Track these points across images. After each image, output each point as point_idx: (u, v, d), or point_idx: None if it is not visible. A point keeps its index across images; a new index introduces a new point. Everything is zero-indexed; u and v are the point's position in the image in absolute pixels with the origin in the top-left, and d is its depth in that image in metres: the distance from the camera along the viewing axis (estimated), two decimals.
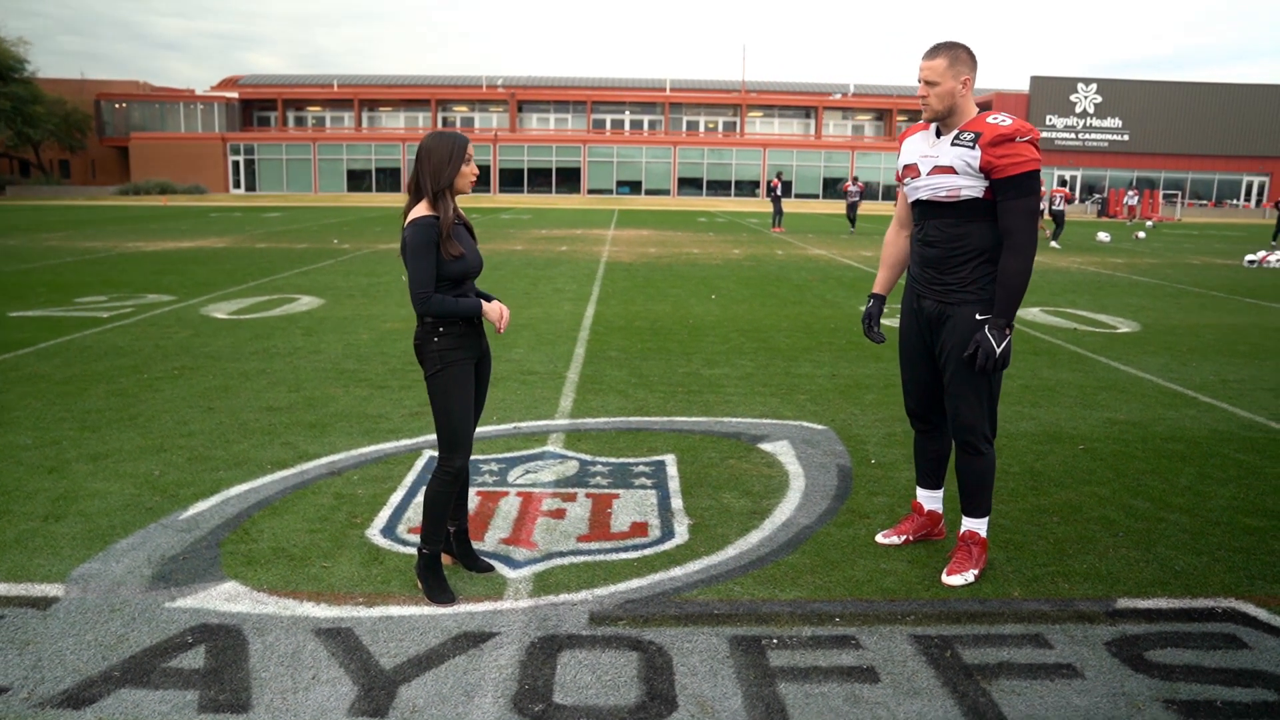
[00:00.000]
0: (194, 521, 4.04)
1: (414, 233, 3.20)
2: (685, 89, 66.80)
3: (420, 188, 3.30)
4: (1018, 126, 3.39)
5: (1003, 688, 2.87)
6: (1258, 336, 9.79)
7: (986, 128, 3.42)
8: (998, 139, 3.38)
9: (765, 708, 2.72)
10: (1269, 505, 4.54)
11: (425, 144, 3.29)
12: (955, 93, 3.48)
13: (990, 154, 3.39)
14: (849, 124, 67.79)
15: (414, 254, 3.20)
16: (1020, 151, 3.37)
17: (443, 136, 3.30)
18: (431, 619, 3.21)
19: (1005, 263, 3.44)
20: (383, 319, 9.60)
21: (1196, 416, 6.27)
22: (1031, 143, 3.40)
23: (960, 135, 3.48)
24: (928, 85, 3.50)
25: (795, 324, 9.94)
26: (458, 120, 65.55)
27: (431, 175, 3.26)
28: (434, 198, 3.26)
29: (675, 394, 6.61)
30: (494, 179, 60.20)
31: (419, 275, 3.20)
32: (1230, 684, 2.93)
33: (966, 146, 3.44)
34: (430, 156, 3.26)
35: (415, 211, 3.27)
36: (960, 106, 3.52)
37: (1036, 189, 3.42)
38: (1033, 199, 3.41)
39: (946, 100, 3.49)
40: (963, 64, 3.48)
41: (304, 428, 5.51)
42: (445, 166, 3.26)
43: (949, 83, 3.47)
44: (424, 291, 3.21)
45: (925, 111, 3.56)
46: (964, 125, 3.50)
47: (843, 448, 5.39)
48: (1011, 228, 3.42)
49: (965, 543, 3.71)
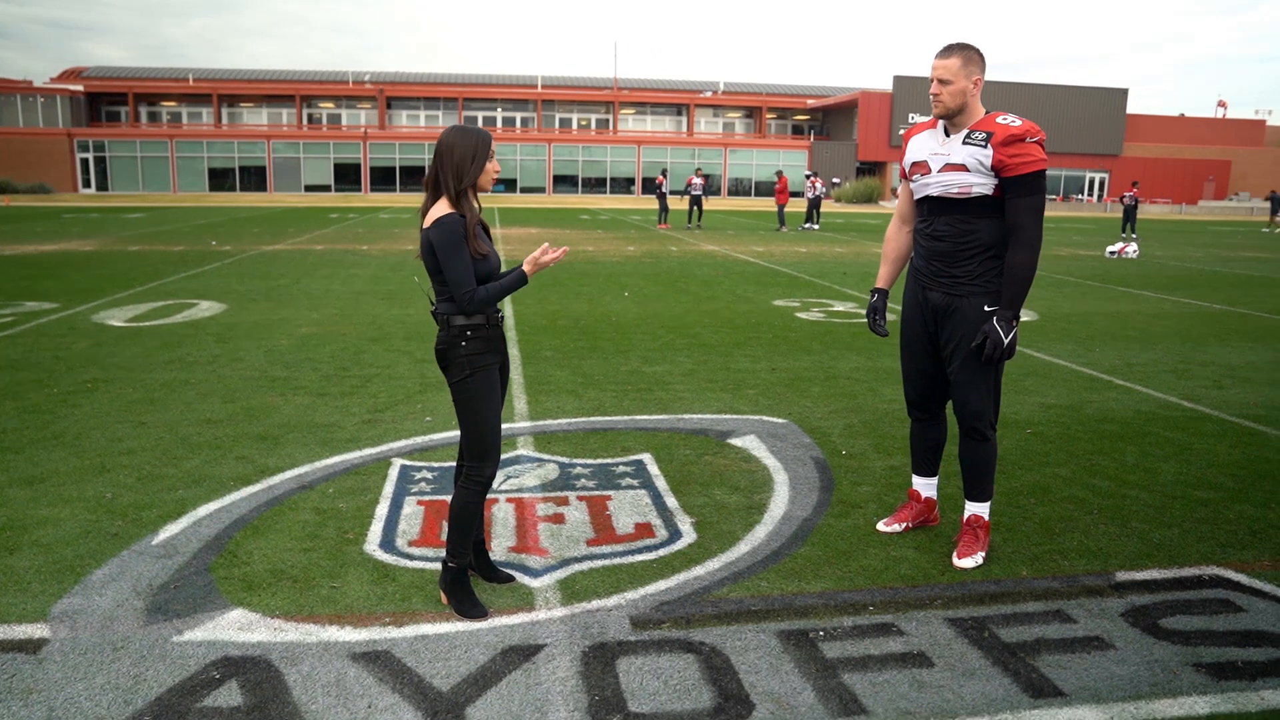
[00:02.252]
0: (170, 546, 3.75)
1: (441, 233, 3.06)
2: (557, 86, 66.54)
3: (440, 185, 3.16)
4: (1028, 127, 3.51)
5: (1048, 663, 2.97)
6: (1142, 322, 10.50)
7: (998, 128, 3.53)
8: (1009, 139, 3.50)
9: (839, 700, 2.73)
10: (1211, 478, 4.87)
11: (447, 140, 3.15)
12: (967, 91, 3.57)
13: (1002, 153, 3.49)
14: (720, 121, 68.95)
15: (447, 254, 3.06)
16: (1030, 151, 3.49)
17: (465, 132, 3.16)
18: (470, 635, 3.08)
19: (1013, 258, 3.56)
20: (296, 323, 9.18)
21: (1118, 399, 6.66)
22: (1039, 143, 3.52)
23: (972, 134, 3.58)
24: (941, 84, 3.57)
25: (717, 320, 10.04)
26: (324, 117, 63.27)
27: (454, 173, 3.12)
28: (456, 196, 3.13)
29: (627, 393, 6.57)
30: (365, 177, 58.42)
31: (459, 274, 3.07)
32: (1243, 645, 3.13)
33: (979, 145, 3.54)
34: (452, 153, 3.13)
35: (436, 210, 3.13)
36: (970, 106, 3.61)
37: (1044, 188, 3.55)
38: (1039, 197, 3.53)
39: (959, 99, 3.58)
40: (975, 65, 3.58)
41: (253, 440, 5.21)
42: (469, 164, 3.13)
43: (962, 82, 3.56)
44: (469, 290, 3.08)
45: (937, 108, 3.64)
46: (975, 125, 3.60)
47: (809, 440, 5.48)
48: (1020, 224, 3.54)
49: (970, 527, 3.82)
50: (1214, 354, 8.53)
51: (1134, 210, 28.21)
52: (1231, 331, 9.94)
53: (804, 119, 68.65)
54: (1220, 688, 2.85)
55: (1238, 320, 10.84)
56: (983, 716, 2.66)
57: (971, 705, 2.72)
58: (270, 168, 57.77)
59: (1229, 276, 16.31)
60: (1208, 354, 8.52)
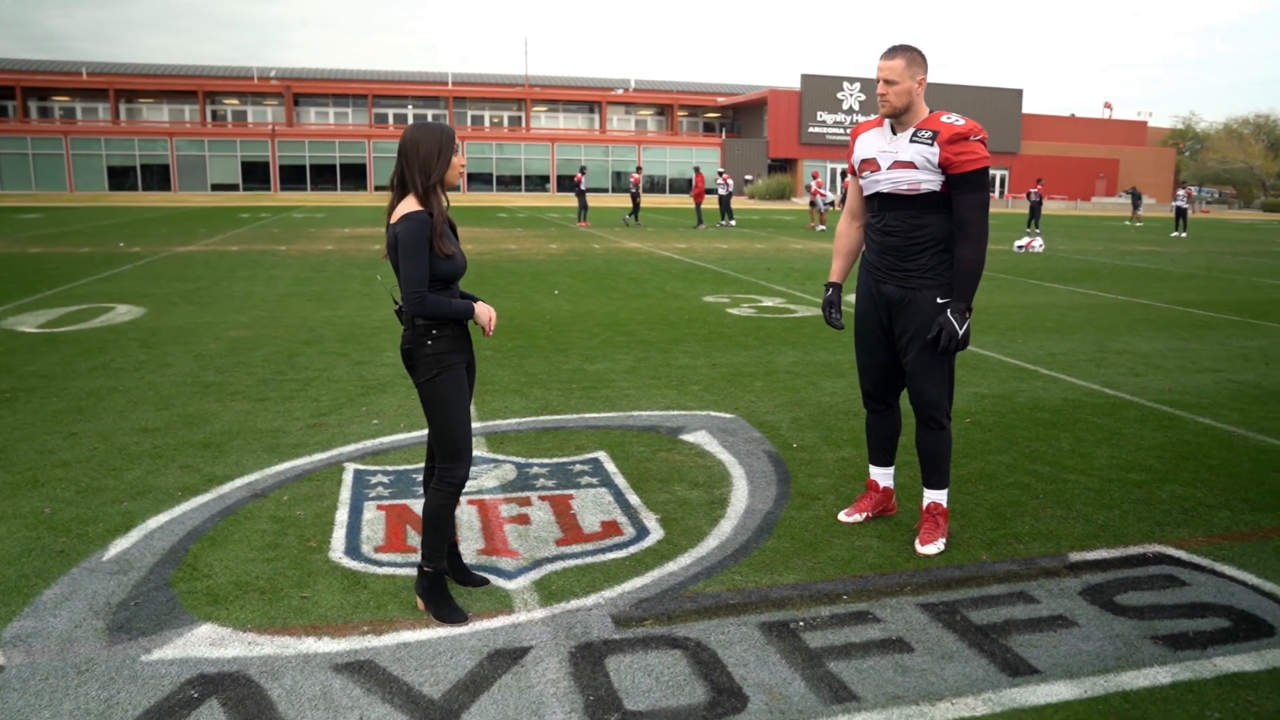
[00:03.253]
0: (123, 561, 3.60)
1: (408, 229, 3.02)
2: (468, 83, 65.78)
3: (406, 183, 3.11)
4: (971, 126, 3.65)
5: (1019, 642, 3.09)
6: (1056, 314, 10.94)
7: (943, 126, 3.65)
8: (955, 137, 3.62)
9: (829, 688, 2.79)
10: (1141, 461, 5.12)
11: (411, 137, 3.10)
12: (912, 91, 3.69)
13: (948, 151, 3.62)
14: (632, 119, 69.16)
15: (408, 251, 3.01)
16: (975, 150, 3.63)
17: (429, 129, 3.12)
18: (452, 640, 3.05)
19: (962, 252, 3.68)
20: (224, 326, 8.88)
21: (1045, 387, 6.94)
22: (982, 141, 3.66)
23: (919, 133, 3.69)
24: (887, 84, 3.68)
25: (650, 317, 10.09)
26: (229, 113, 61.19)
27: (420, 170, 3.08)
28: (424, 193, 3.09)
29: (573, 391, 6.56)
30: (274, 176, 56.73)
31: (414, 273, 3.02)
32: (1191, 617, 3.30)
33: (925, 144, 3.66)
34: (417, 150, 3.08)
35: (404, 206, 3.08)
36: (915, 104, 3.73)
37: (988, 184, 3.69)
38: (984, 193, 3.68)
39: (905, 98, 3.69)
40: (918, 65, 3.69)
41: (195, 448, 5.03)
42: (435, 161, 3.09)
43: (907, 81, 3.67)
44: (419, 291, 3.03)
45: (883, 107, 3.74)
46: (920, 123, 3.72)
47: (759, 434, 5.56)
48: (966, 220, 3.67)
49: (931, 514, 3.94)
50: (1126, 343, 8.95)
51: (1039, 206, 29.38)
52: (1137, 321, 10.43)
53: (715, 116, 69.37)
54: (1178, 658, 3.01)
55: (1141, 310, 11.39)
56: (967, 697, 2.75)
57: (955, 687, 2.81)
58: (174, 166, 55.59)
59: (1128, 269, 17.11)
60: (1120, 343, 8.93)
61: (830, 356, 8.00)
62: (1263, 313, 11.37)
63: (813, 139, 60.38)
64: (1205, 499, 4.51)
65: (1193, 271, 16.88)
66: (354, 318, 9.63)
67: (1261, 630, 3.21)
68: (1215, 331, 9.77)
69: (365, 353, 7.76)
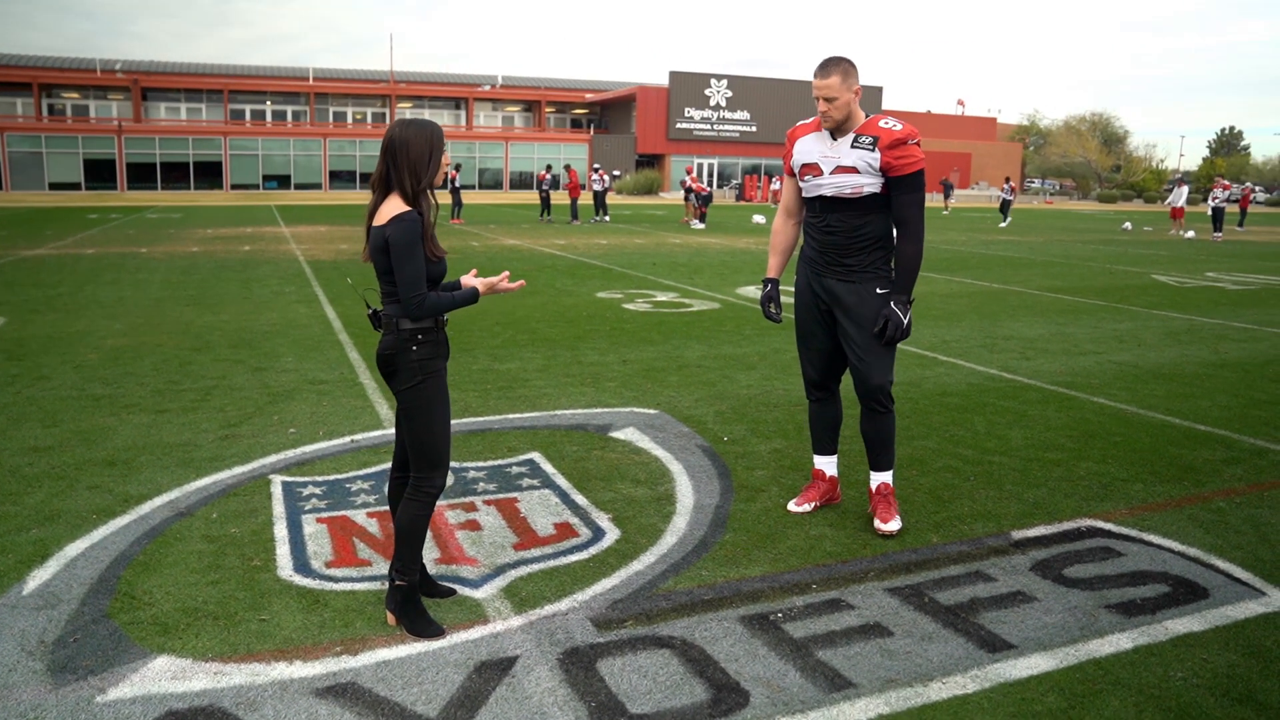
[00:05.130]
0: (48, 595, 3.30)
1: (400, 230, 2.87)
2: (330, 79, 63.58)
3: (391, 184, 2.97)
4: (908, 131, 3.80)
5: (989, 619, 3.20)
6: (940, 302, 11.43)
7: (882, 132, 3.79)
8: (894, 142, 3.77)
9: (824, 676, 2.82)
10: (1053, 440, 5.40)
11: (399, 136, 2.94)
12: (851, 102, 3.82)
13: (889, 156, 3.77)
14: (499, 115, 68.38)
15: (403, 254, 2.87)
16: (912, 153, 3.78)
17: (417, 126, 2.97)
18: (434, 655, 2.92)
19: (903, 248, 3.85)
20: (99, 335, 8.27)
21: (948, 373, 7.24)
22: (918, 144, 3.82)
23: (859, 139, 3.82)
24: (827, 101, 3.81)
25: (548, 314, 9.99)
26: (68, 107, 57.09)
27: (410, 172, 2.94)
28: (414, 196, 2.95)
29: (489, 392, 6.43)
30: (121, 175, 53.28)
31: (412, 276, 2.89)
32: (1135, 584, 3.51)
33: (867, 149, 3.80)
34: (407, 150, 2.93)
35: (392, 207, 2.93)
36: (853, 112, 3.84)
37: (924, 184, 3.85)
38: (921, 193, 3.85)
39: (845, 110, 3.82)
40: (852, 76, 3.83)
41: (100, 466, 4.67)
42: (426, 162, 2.96)
43: (845, 95, 3.79)
44: (419, 293, 2.91)
45: (827, 123, 3.86)
46: (859, 129, 3.84)
47: (688, 429, 5.58)
48: (906, 218, 3.83)
49: (882, 494, 4.06)
50: (1010, 328, 9.43)
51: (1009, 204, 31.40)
52: (1015, 308, 11.02)
53: (583, 113, 69.36)
54: (1133, 624, 3.19)
55: (1016, 297, 12.03)
56: (956, 675, 2.83)
57: (941, 666, 2.89)
58: (6, 163, 51.50)
59: (994, 258, 18.05)
60: (1005, 329, 9.41)
61: (737, 350, 8.11)
62: (1124, 297, 12.19)
63: (681, 134, 61.14)
64: (1118, 474, 4.80)
65: (1053, 259, 17.95)
66: (240, 322, 9.15)
67: (1198, 593, 3.44)
68: (1087, 315, 10.42)
69: (261, 359, 7.39)
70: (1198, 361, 7.83)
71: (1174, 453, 5.17)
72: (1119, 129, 77.66)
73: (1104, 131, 76.56)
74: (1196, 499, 4.45)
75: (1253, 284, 14.20)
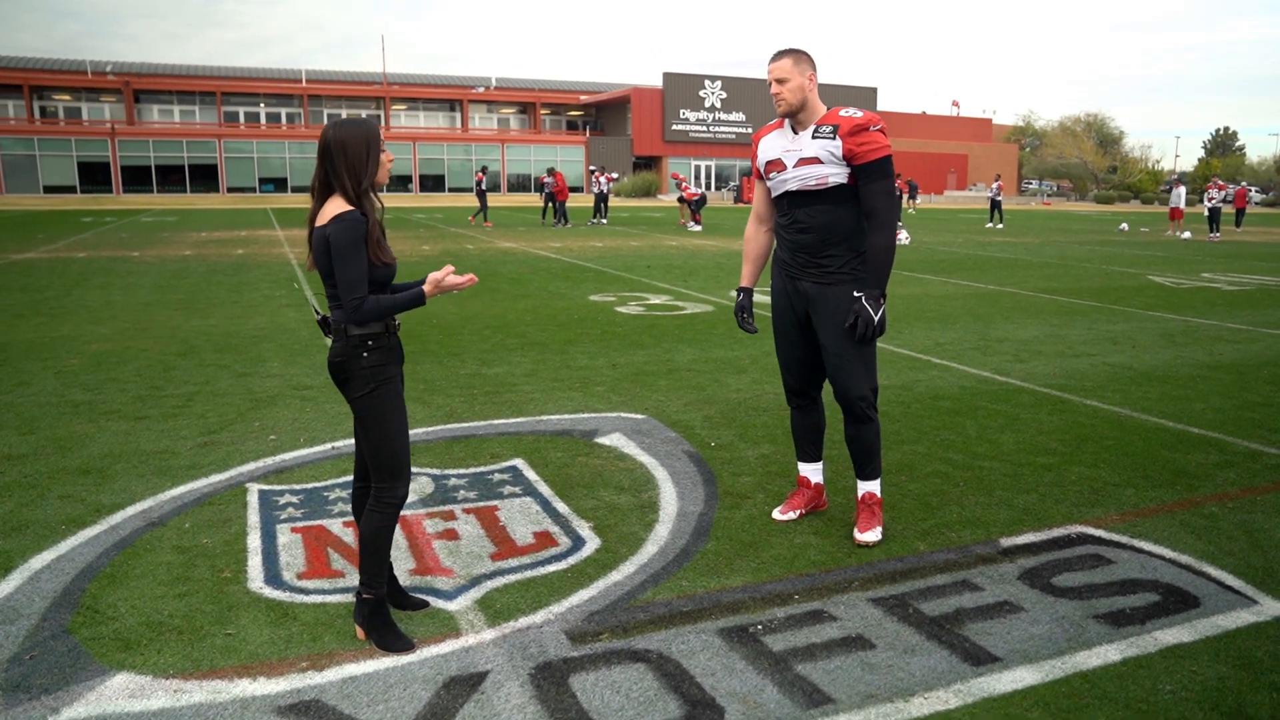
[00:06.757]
0: (8, 609, 3.22)
1: (341, 231, 2.79)
2: (323, 80, 63.54)
3: (331, 187, 2.89)
4: (870, 117, 3.72)
5: (974, 630, 3.12)
6: (935, 304, 11.35)
7: (842, 120, 3.71)
8: (855, 129, 3.67)
9: (802, 692, 2.74)
10: (1045, 444, 5.32)
11: (335, 138, 2.87)
12: (804, 87, 3.74)
13: (850, 142, 3.67)
14: (494, 117, 68.32)
15: (344, 254, 2.79)
16: (875, 139, 3.68)
17: (351, 127, 2.90)
18: (403, 670, 2.84)
19: (873, 239, 3.74)
20: (84, 339, 8.19)
21: (940, 376, 7.16)
22: (882, 131, 3.72)
23: (820, 129, 3.74)
24: (779, 83, 3.74)
25: (539, 317, 9.92)
26: (60, 110, 56.98)
27: (350, 174, 2.86)
28: (357, 198, 2.87)
29: (475, 397, 6.35)
30: (115, 177, 53.17)
31: (353, 278, 2.80)
32: (1124, 593, 3.43)
33: (828, 138, 3.71)
34: (344, 151, 2.86)
35: (334, 207, 2.86)
36: (810, 102, 3.78)
37: (892, 172, 3.75)
38: (889, 180, 3.74)
39: (799, 94, 3.74)
40: (805, 62, 3.76)
41: (74, 475, 4.59)
42: (365, 161, 2.88)
43: (797, 78, 3.72)
44: (358, 297, 2.82)
45: (780, 106, 3.77)
46: (820, 120, 3.77)
47: (674, 434, 5.50)
48: (875, 207, 3.73)
49: (866, 504, 3.97)
50: (1004, 330, 9.36)
51: (901, 199, 30.75)
52: (1010, 309, 10.94)
53: (578, 114, 69.30)
54: (1122, 634, 3.10)
55: (1010, 299, 11.95)
56: (938, 690, 2.75)
57: (924, 681, 2.80)
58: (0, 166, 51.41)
59: (989, 260, 17.98)
60: (999, 330, 9.34)
61: (728, 353, 8.03)
62: (1118, 298, 12.12)
63: (676, 136, 61.10)
64: (1110, 478, 4.72)
65: (1048, 260, 17.88)
66: (228, 327, 9.07)
67: (1188, 602, 3.36)
68: (1081, 317, 10.35)
69: (247, 364, 7.31)
70: (1192, 363, 7.76)
71: (1167, 456, 5.09)
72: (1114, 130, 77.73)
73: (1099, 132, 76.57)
74: (1189, 504, 4.37)
75: (1248, 285, 14.14)
